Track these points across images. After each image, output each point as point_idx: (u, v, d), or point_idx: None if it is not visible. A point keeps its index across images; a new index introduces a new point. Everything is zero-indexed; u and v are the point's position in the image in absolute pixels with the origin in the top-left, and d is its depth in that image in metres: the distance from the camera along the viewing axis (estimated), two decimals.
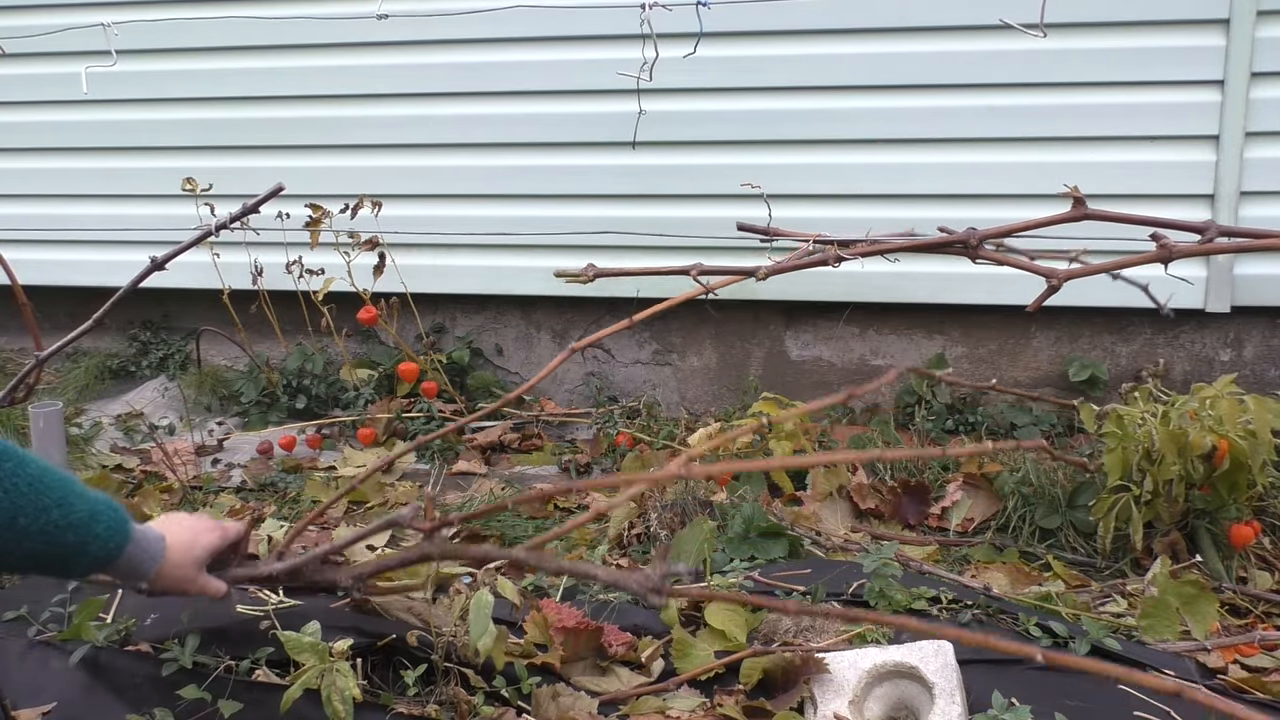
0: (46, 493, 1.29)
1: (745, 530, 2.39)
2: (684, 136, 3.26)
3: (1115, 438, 2.35)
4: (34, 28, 3.53)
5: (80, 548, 1.34)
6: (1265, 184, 3.00)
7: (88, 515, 1.34)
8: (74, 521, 1.32)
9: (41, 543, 1.29)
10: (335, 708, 1.64)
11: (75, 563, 1.35)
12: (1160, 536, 2.38)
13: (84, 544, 1.34)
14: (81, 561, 1.35)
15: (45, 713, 1.80)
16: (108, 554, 1.38)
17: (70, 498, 1.32)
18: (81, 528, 1.33)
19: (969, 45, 3.08)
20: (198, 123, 3.59)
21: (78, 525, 1.32)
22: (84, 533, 1.33)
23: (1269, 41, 2.91)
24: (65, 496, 1.31)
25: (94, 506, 1.36)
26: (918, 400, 3.24)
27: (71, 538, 1.32)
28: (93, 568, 1.38)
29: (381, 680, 1.88)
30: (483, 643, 1.69)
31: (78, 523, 1.32)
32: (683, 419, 3.30)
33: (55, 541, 1.30)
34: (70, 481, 1.33)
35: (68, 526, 1.31)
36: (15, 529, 1.26)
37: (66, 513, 1.31)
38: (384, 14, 3.13)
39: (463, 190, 3.47)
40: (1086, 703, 1.79)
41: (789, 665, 1.85)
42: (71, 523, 1.31)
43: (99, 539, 1.36)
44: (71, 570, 1.37)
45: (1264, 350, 3.16)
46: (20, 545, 1.27)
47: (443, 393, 3.37)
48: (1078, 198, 2.02)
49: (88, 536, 1.34)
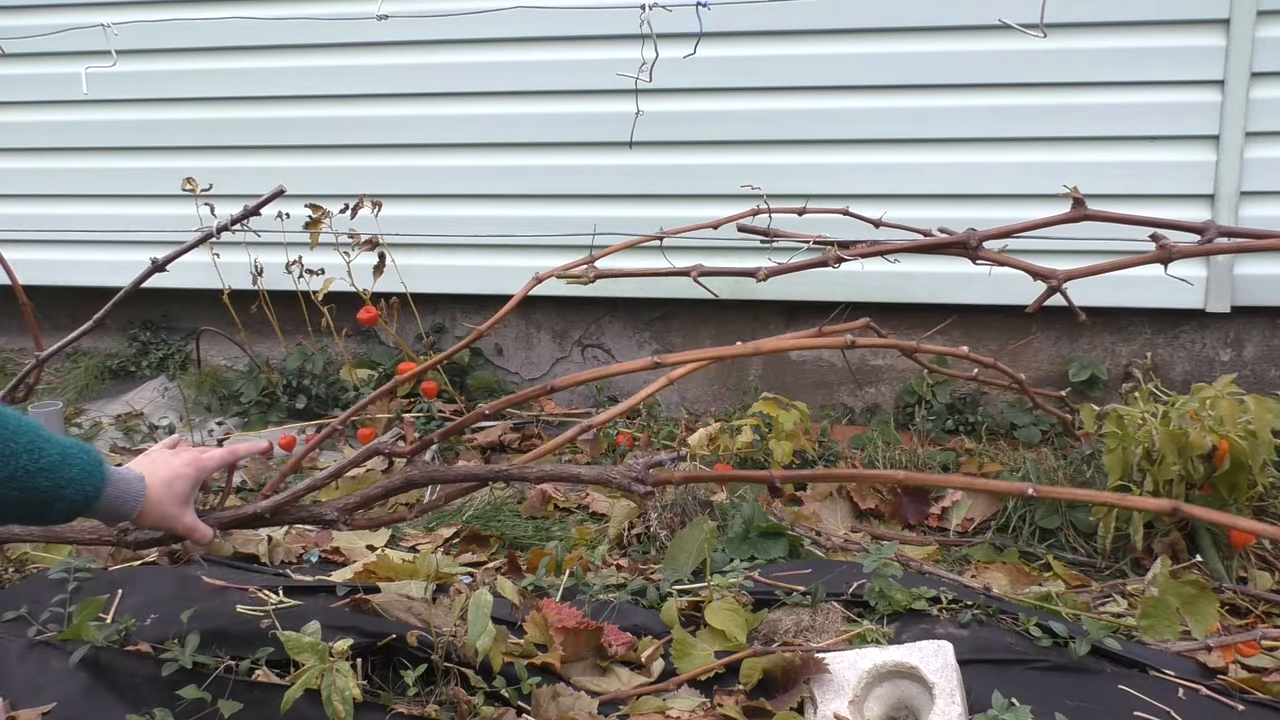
0: (12, 439, 1.27)
1: (745, 530, 2.39)
2: (684, 136, 3.27)
3: (1115, 438, 2.35)
4: (34, 28, 3.53)
5: (55, 492, 1.32)
6: (1265, 184, 3.00)
7: (59, 459, 1.32)
8: (44, 466, 1.30)
9: (14, 489, 1.27)
10: (335, 708, 1.64)
11: (52, 508, 1.34)
12: (1160, 536, 2.38)
13: (58, 488, 1.32)
14: (58, 506, 1.34)
15: (45, 713, 1.80)
16: (84, 497, 1.36)
17: (39, 442, 1.30)
18: (54, 471, 1.31)
19: (969, 45, 3.08)
20: (198, 123, 3.59)
21: (49, 469, 1.31)
22: (57, 477, 1.32)
23: (1269, 41, 2.91)
24: (33, 441, 1.29)
25: (65, 450, 1.34)
26: (918, 400, 3.25)
27: (44, 482, 1.30)
28: (71, 512, 1.37)
29: (381, 680, 1.88)
30: (481, 642, 1.69)
31: (49, 467, 1.31)
32: (683, 419, 3.30)
33: (27, 487, 1.28)
34: (37, 427, 1.31)
35: (38, 471, 1.29)
36: None
37: (36, 457, 1.29)
38: (384, 14, 3.13)
39: (463, 190, 3.47)
40: (1086, 703, 1.79)
41: (789, 665, 1.85)
42: (42, 467, 1.30)
43: (74, 482, 1.34)
44: (49, 516, 1.35)
45: (1264, 350, 3.16)
46: None
47: (443, 393, 3.38)
48: (1077, 198, 2.02)
49: (61, 480, 1.32)
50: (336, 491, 2.95)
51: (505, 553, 2.52)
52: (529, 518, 2.81)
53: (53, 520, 1.38)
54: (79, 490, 1.35)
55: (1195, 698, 1.82)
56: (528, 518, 2.81)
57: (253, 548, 2.51)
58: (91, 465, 1.37)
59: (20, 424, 1.29)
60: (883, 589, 2.03)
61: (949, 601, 2.05)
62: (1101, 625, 1.96)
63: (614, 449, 3.10)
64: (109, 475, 1.41)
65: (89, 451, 1.38)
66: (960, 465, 2.90)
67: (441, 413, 3.30)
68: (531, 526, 2.75)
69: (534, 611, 1.98)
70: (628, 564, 2.39)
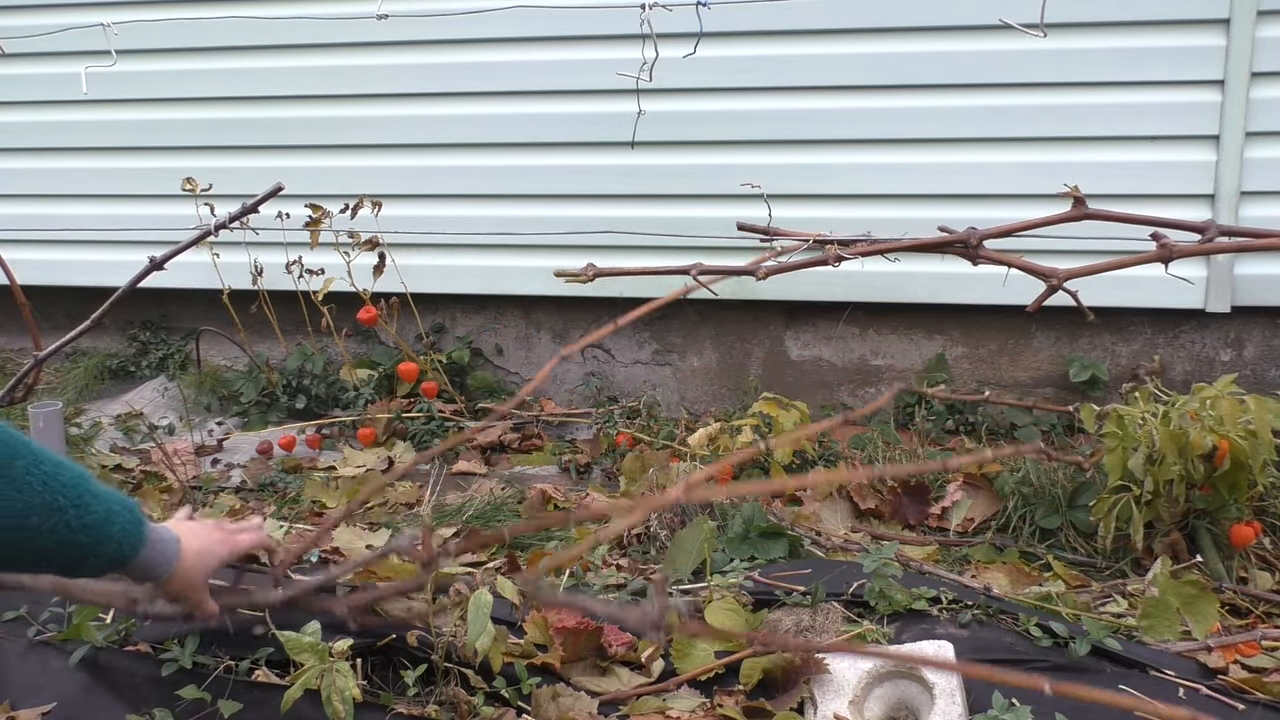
0: (62, 492, 1.25)
1: (745, 530, 2.39)
2: (684, 136, 3.26)
3: (1116, 438, 2.35)
4: (34, 28, 3.53)
5: (92, 549, 1.29)
6: (1265, 184, 3.00)
7: (103, 516, 1.29)
8: (88, 523, 1.27)
9: (53, 542, 1.25)
10: (335, 708, 1.64)
11: (86, 563, 1.31)
12: (1161, 536, 2.37)
13: (96, 545, 1.29)
14: (92, 562, 1.32)
15: (45, 713, 1.80)
16: (121, 556, 1.34)
17: (86, 498, 1.27)
18: (96, 529, 1.28)
19: (969, 45, 3.08)
20: (198, 123, 3.59)
21: (92, 526, 1.28)
22: (98, 534, 1.29)
23: (1269, 41, 2.91)
24: (80, 496, 1.27)
25: (110, 507, 1.31)
26: (918, 400, 3.25)
27: (85, 539, 1.28)
28: (104, 569, 1.34)
29: (381, 680, 1.88)
30: (481, 643, 1.69)
31: (92, 524, 1.28)
32: (683, 419, 3.30)
33: (67, 542, 1.26)
34: (86, 479, 1.29)
35: (81, 528, 1.27)
36: (27, 529, 1.22)
37: (82, 514, 1.26)
38: (384, 14, 3.13)
39: (463, 190, 3.47)
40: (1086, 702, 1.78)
41: (789, 665, 1.85)
42: (86, 524, 1.27)
43: (112, 540, 1.31)
44: (82, 570, 1.33)
45: (1264, 350, 3.16)
46: (31, 544, 1.23)
47: (443, 393, 3.37)
48: (1078, 197, 2.02)
49: (101, 538, 1.29)
50: (337, 492, 2.95)
51: (505, 553, 2.51)
52: (529, 518, 2.81)
53: (84, 574, 1.36)
54: (116, 549, 1.32)
55: (1195, 698, 1.82)
56: (528, 518, 2.81)
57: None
58: (132, 525, 1.34)
59: (73, 476, 1.27)
60: (883, 589, 2.03)
61: (949, 602, 2.05)
62: (1101, 625, 1.96)
63: (614, 449, 3.10)
64: (148, 536, 1.37)
65: (132, 510, 1.35)
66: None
67: (442, 413, 3.30)
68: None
69: (534, 611, 1.98)
70: (628, 564, 2.39)
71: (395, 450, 3.17)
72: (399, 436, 3.26)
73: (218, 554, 1.52)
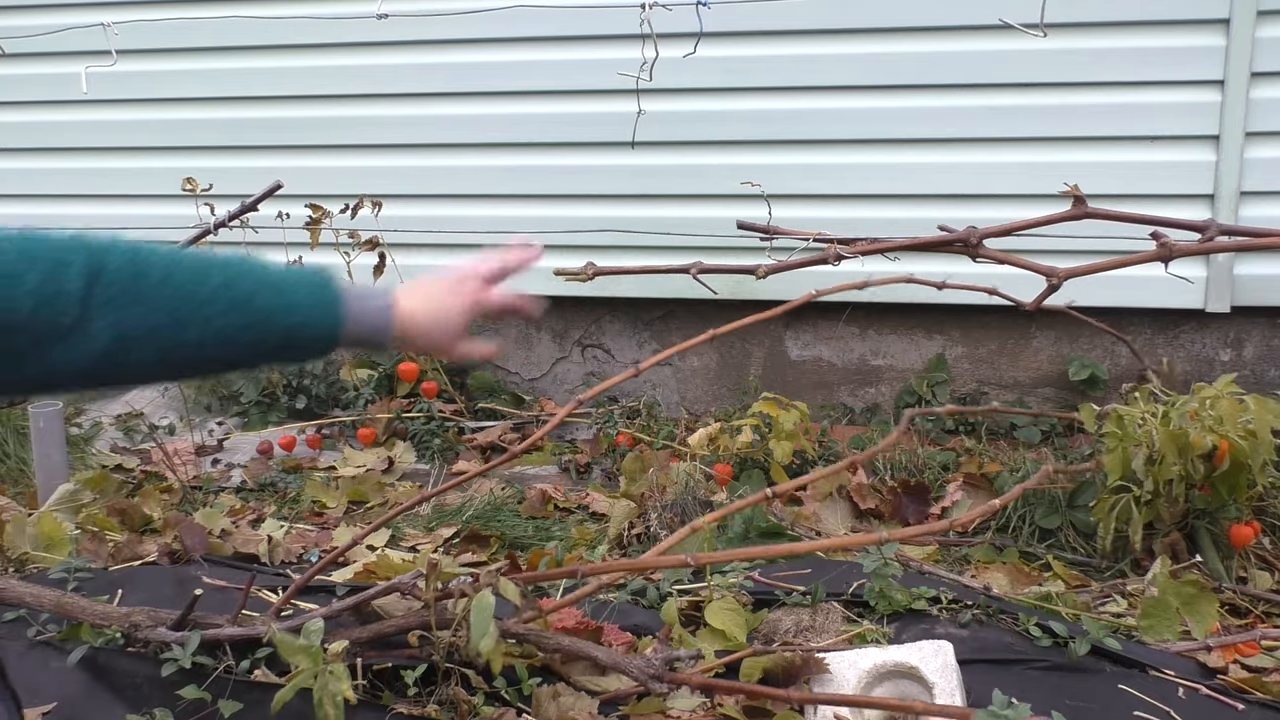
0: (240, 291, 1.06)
1: (745, 530, 2.39)
2: (684, 136, 3.26)
3: (1115, 438, 2.35)
4: (34, 28, 3.52)
5: (289, 338, 1.11)
6: (1265, 184, 2.99)
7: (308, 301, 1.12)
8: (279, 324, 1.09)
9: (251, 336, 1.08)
10: (327, 711, 1.63)
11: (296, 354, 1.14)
12: (1160, 536, 2.38)
13: (291, 335, 1.11)
14: (301, 351, 1.14)
15: (45, 713, 1.81)
16: (324, 346, 1.16)
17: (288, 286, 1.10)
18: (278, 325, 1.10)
19: (969, 45, 3.08)
20: (198, 123, 3.59)
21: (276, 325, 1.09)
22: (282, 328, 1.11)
23: (1269, 41, 2.91)
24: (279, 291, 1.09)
25: (288, 301, 1.11)
26: (918, 400, 3.25)
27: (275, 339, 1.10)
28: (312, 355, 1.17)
29: (382, 680, 1.88)
30: (483, 644, 1.69)
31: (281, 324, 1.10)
32: (683, 419, 3.30)
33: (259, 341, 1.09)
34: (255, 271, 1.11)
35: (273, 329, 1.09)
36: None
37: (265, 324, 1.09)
38: (384, 14, 3.12)
39: (463, 190, 3.47)
40: (1086, 702, 1.79)
41: (789, 665, 1.85)
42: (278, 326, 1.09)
43: (303, 328, 1.12)
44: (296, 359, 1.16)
45: (1264, 350, 3.16)
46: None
47: (443, 393, 3.37)
48: (1078, 196, 2.01)
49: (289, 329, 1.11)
50: (338, 492, 2.95)
51: (505, 553, 2.52)
52: (529, 518, 2.81)
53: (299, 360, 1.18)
54: (314, 338, 1.14)
55: (1195, 697, 1.82)
56: (528, 518, 2.81)
57: (253, 547, 2.51)
58: (320, 312, 1.14)
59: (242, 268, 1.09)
60: (883, 589, 2.03)
61: (949, 601, 2.05)
62: (1101, 625, 1.96)
63: (614, 449, 3.10)
64: (344, 318, 1.15)
65: (319, 292, 1.14)
66: (960, 465, 2.90)
67: (442, 413, 3.30)
68: (531, 526, 2.75)
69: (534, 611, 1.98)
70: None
71: (395, 450, 3.18)
72: (399, 436, 3.27)
73: (456, 317, 1.28)
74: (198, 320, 1.04)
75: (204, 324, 1.04)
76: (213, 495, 2.97)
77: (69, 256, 0.99)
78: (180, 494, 2.92)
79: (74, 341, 0.97)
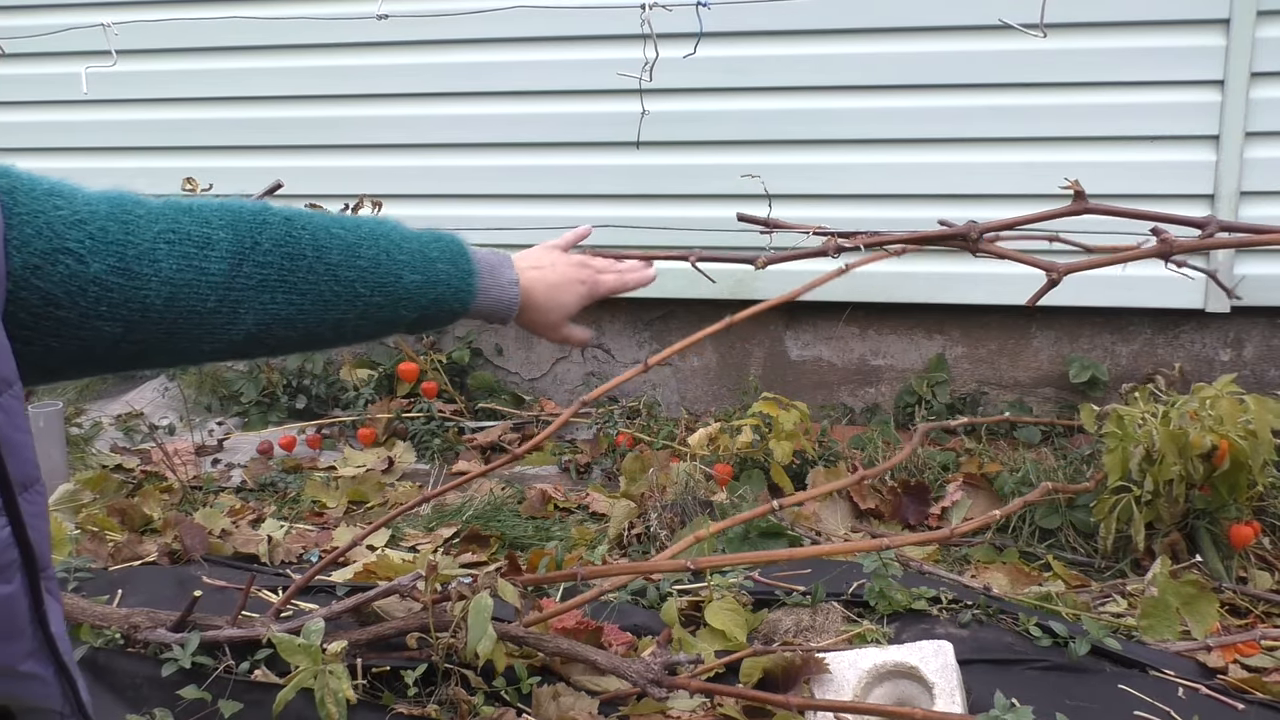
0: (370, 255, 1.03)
1: (745, 530, 2.39)
2: (684, 136, 3.26)
3: (1116, 438, 2.35)
4: (34, 28, 3.52)
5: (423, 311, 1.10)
6: (1265, 184, 2.99)
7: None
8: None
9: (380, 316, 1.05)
10: (329, 710, 1.64)
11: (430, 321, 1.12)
12: (1161, 537, 2.38)
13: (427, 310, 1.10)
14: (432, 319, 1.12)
15: None
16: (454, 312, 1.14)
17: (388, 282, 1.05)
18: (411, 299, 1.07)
19: (969, 45, 3.08)
20: (198, 123, 3.59)
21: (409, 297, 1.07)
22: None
23: (1269, 41, 2.91)
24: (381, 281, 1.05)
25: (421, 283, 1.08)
26: (918, 400, 3.25)
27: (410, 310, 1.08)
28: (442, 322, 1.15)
29: (382, 681, 1.88)
30: (481, 646, 1.69)
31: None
32: (683, 419, 3.30)
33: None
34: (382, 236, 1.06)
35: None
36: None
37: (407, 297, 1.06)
38: (384, 14, 3.12)
39: (463, 190, 3.47)
40: (1086, 702, 1.79)
41: (789, 665, 1.85)
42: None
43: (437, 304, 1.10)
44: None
45: (1264, 350, 3.16)
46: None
47: (443, 393, 3.37)
48: (1078, 191, 2.01)
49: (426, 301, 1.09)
50: (338, 492, 2.95)
51: (505, 553, 2.52)
52: (529, 518, 2.81)
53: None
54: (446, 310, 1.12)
55: (1195, 697, 1.82)
56: (528, 518, 2.81)
57: (253, 548, 2.51)
58: (454, 286, 1.11)
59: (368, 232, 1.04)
60: (883, 589, 2.03)
61: (949, 601, 2.05)
62: (1101, 625, 1.96)
63: (614, 449, 3.10)
64: (477, 290, 1.14)
65: (452, 266, 1.12)
66: (960, 465, 2.90)
67: (441, 413, 3.30)
68: (531, 526, 2.75)
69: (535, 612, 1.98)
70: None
71: (395, 450, 3.18)
72: (399, 436, 3.27)
73: (571, 300, 1.30)
74: (344, 302, 1.00)
75: (349, 304, 1.01)
76: (213, 495, 2.97)
77: (215, 234, 0.91)
78: (180, 494, 2.92)
79: (215, 324, 0.91)
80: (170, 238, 0.88)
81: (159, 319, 0.87)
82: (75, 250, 0.82)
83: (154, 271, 0.86)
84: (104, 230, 0.84)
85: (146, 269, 0.86)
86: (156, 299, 0.86)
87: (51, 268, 0.81)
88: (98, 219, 0.84)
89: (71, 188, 0.84)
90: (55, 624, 0.79)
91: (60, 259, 0.81)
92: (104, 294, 0.83)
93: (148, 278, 0.86)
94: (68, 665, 0.80)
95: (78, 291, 0.82)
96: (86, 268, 0.82)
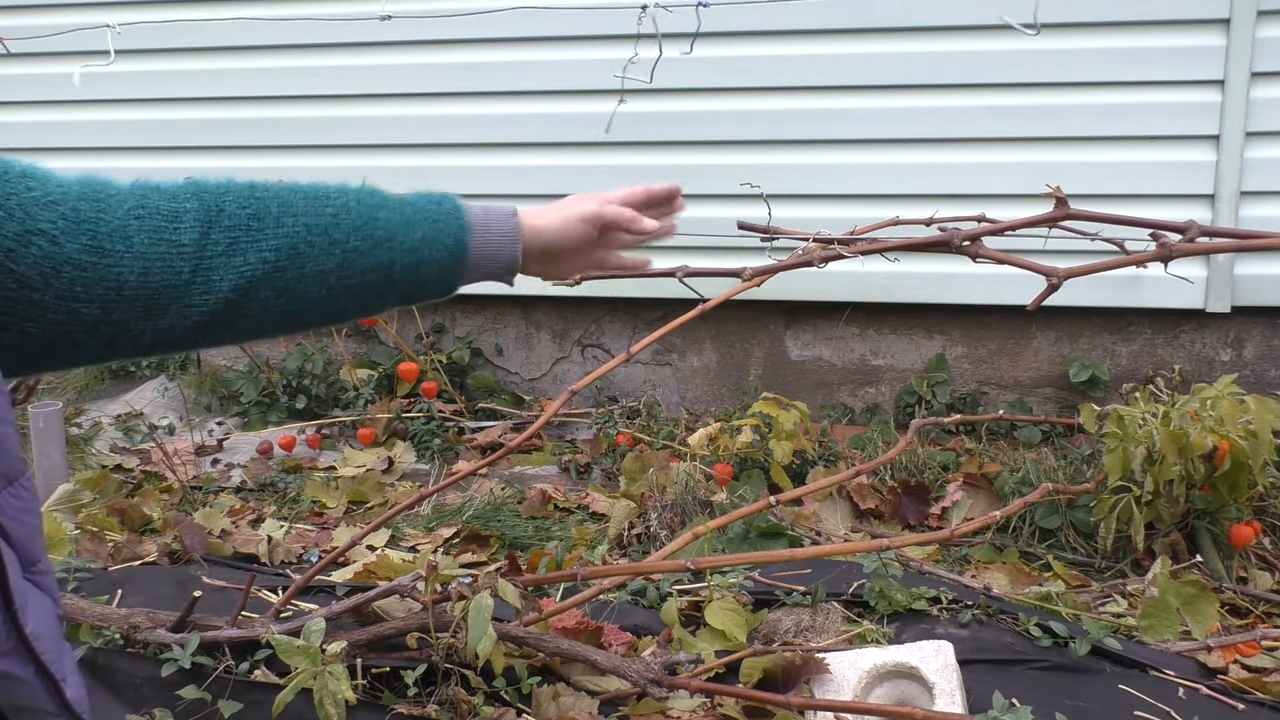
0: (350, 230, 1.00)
1: (745, 530, 2.39)
2: (683, 136, 3.26)
3: (1116, 438, 2.35)
4: (35, 28, 3.52)
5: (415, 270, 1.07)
6: (1265, 184, 2.99)
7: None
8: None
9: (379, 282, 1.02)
10: (327, 711, 1.63)
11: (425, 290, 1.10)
12: (1161, 537, 2.38)
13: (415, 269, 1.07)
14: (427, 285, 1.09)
15: None
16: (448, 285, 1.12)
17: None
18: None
19: (969, 45, 3.08)
20: (198, 123, 3.59)
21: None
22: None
23: (1269, 41, 2.91)
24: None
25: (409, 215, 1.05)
26: (918, 400, 3.25)
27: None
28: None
29: (382, 681, 1.88)
30: (482, 646, 1.69)
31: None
32: (683, 419, 3.30)
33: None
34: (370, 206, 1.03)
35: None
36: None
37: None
38: (387, 15, 3.12)
39: (463, 190, 3.41)
40: (1087, 703, 1.79)
41: (789, 665, 1.85)
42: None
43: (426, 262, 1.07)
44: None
45: (1264, 350, 3.16)
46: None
47: (443, 393, 3.37)
48: (1060, 197, 2.01)
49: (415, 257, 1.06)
50: (337, 492, 2.95)
51: (505, 553, 2.51)
52: (529, 518, 2.81)
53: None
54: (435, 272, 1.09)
55: (1195, 697, 1.82)
56: (528, 518, 2.81)
57: (253, 548, 2.51)
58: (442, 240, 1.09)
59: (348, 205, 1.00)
60: (883, 589, 2.03)
61: (949, 601, 2.05)
62: (1101, 625, 1.96)
63: (614, 449, 3.10)
64: (469, 246, 1.12)
65: (441, 222, 1.09)
66: (960, 465, 2.90)
67: (441, 413, 3.30)
68: (531, 526, 2.75)
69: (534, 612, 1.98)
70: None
71: (395, 450, 3.18)
72: (399, 436, 3.26)
73: (580, 225, 1.25)
74: (319, 251, 0.97)
75: (325, 253, 0.97)
76: (212, 495, 2.97)
77: (182, 206, 0.91)
78: (180, 494, 2.92)
79: (192, 296, 0.90)
80: (140, 213, 0.89)
81: (134, 295, 0.87)
82: (48, 231, 0.82)
83: (126, 248, 0.87)
84: (76, 210, 0.85)
85: (119, 245, 0.87)
86: (130, 275, 0.87)
87: (25, 250, 0.81)
88: (69, 200, 0.85)
89: (44, 171, 0.85)
90: (34, 623, 0.77)
91: (34, 240, 0.81)
92: (78, 274, 0.84)
93: (120, 254, 0.86)
94: (48, 666, 0.79)
95: (52, 273, 0.82)
96: (60, 248, 0.83)
